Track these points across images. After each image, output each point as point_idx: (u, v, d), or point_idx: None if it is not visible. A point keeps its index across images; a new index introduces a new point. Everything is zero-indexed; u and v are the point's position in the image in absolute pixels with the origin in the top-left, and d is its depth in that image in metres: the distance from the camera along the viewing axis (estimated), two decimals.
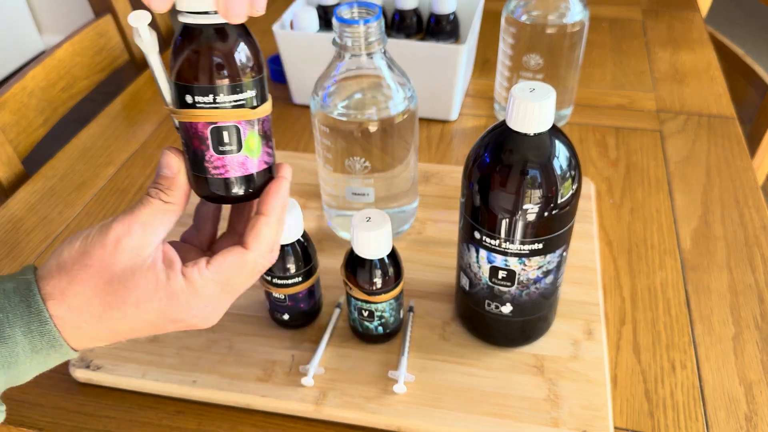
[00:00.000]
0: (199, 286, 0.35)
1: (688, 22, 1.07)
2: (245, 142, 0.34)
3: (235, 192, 0.35)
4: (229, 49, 0.32)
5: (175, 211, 0.35)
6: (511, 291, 0.48)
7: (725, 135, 0.80)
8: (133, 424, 0.50)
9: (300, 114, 0.86)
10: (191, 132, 0.33)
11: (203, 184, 0.35)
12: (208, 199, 0.36)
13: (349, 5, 0.52)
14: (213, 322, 0.37)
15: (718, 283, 0.60)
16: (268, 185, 0.36)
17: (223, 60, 0.32)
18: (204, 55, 0.32)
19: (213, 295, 0.35)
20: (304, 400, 0.49)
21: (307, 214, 0.67)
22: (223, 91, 0.32)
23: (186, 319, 0.36)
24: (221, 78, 0.32)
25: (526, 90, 0.42)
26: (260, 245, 0.36)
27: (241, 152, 0.34)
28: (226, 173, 0.34)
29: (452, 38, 0.88)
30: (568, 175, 0.43)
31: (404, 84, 0.55)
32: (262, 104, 0.34)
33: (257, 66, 0.33)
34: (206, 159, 0.34)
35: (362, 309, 0.50)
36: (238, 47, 0.32)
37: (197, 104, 0.32)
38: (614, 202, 0.70)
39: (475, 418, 0.48)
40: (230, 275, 0.36)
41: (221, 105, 0.32)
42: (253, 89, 0.33)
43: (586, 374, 0.50)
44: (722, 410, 0.50)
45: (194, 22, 0.31)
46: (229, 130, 0.33)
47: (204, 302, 0.35)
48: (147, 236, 0.34)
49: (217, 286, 0.35)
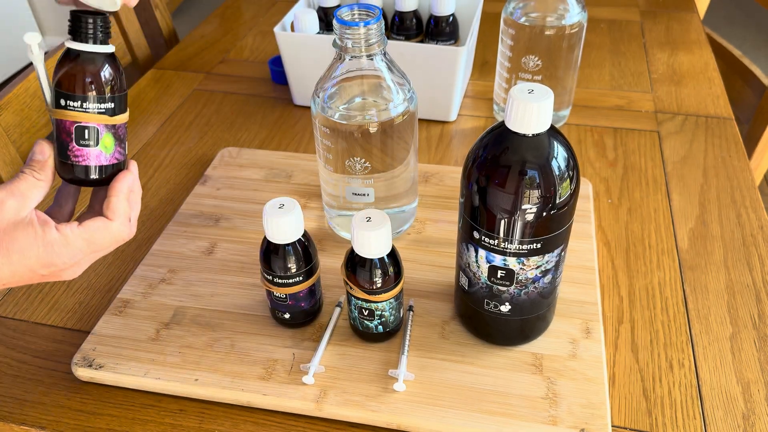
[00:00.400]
0: (71, 239, 0.43)
1: (685, 23, 1.08)
2: (101, 140, 0.44)
3: (90, 177, 0.45)
4: (97, 71, 0.43)
5: (44, 187, 0.44)
6: (510, 290, 0.48)
7: (723, 135, 0.80)
8: (134, 422, 0.50)
9: (301, 115, 0.87)
10: (61, 127, 0.43)
11: (66, 168, 0.45)
12: (69, 181, 0.46)
13: (349, 7, 0.53)
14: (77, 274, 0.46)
15: (716, 283, 0.61)
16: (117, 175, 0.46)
17: (92, 78, 0.43)
18: (80, 72, 0.42)
19: (81, 249, 0.44)
20: (304, 398, 0.50)
21: (308, 214, 0.67)
22: (89, 100, 0.43)
23: (57, 265, 0.43)
24: (89, 90, 0.43)
25: (524, 91, 0.42)
26: (119, 216, 0.45)
27: (97, 147, 0.44)
28: (84, 161, 0.44)
29: (451, 40, 0.88)
30: (567, 176, 0.44)
31: (404, 85, 0.56)
32: (120, 114, 0.45)
33: (119, 86, 0.44)
34: (69, 149, 0.44)
35: (362, 308, 0.51)
36: (105, 71, 0.43)
37: (68, 107, 0.43)
38: (612, 202, 0.70)
39: (474, 416, 0.48)
40: (96, 236, 0.45)
41: (86, 110, 0.43)
42: (112, 102, 0.44)
43: (584, 373, 0.51)
44: (720, 409, 0.50)
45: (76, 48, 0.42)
46: (89, 129, 0.43)
47: (72, 253, 0.44)
48: (24, 201, 0.43)
49: (84, 243, 0.44)
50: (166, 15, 1.17)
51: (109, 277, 0.63)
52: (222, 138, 0.83)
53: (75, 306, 0.60)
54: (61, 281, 0.62)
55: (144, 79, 0.96)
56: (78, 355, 0.53)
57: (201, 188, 0.71)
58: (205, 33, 1.09)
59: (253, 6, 1.19)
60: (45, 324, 0.58)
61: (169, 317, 0.56)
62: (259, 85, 0.94)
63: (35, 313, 0.59)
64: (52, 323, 0.59)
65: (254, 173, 0.73)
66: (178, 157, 0.79)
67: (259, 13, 1.16)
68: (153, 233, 0.67)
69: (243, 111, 0.88)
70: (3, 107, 0.80)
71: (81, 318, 0.59)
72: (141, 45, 1.09)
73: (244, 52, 1.03)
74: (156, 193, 0.74)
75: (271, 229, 0.49)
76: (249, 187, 0.71)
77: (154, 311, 0.57)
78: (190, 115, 0.88)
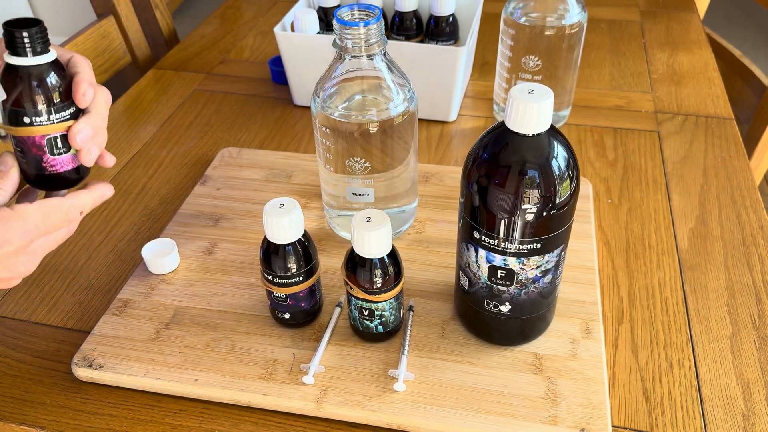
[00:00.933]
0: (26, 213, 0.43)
1: (685, 23, 1.08)
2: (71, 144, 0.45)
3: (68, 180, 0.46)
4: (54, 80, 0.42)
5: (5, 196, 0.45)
6: (510, 290, 0.48)
7: (723, 135, 0.80)
8: (134, 422, 0.50)
9: (301, 115, 0.87)
10: (30, 143, 0.44)
11: (44, 179, 0.45)
12: (48, 190, 0.46)
13: (349, 7, 0.53)
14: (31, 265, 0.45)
15: (716, 283, 0.61)
16: None
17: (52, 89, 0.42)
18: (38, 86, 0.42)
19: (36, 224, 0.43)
20: (304, 398, 0.50)
21: (308, 214, 0.67)
22: (54, 111, 0.43)
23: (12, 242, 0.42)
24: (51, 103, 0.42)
25: (524, 91, 0.42)
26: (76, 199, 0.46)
27: (69, 153, 0.45)
28: (62, 168, 0.45)
29: (451, 40, 0.88)
30: (567, 176, 0.44)
31: (404, 85, 0.56)
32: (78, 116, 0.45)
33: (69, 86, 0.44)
34: (44, 161, 0.44)
35: (362, 308, 0.51)
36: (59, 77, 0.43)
37: (34, 123, 0.43)
38: (612, 202, 0.70)
39: (474, 416, 0.48)
40: (50, 211, 0.44)
41: (53, 121, 0.43)
42: (72, 107, 0.44)
43: (584, 373, 0.51)
44: (720, 409, 0.50)
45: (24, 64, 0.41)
46: (60, 137, 0.44)
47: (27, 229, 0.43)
48: None
49: (41, 217, 0.43)
50: (166, 15, 1.17)
51: (109, 277, 0.63)
52: (222, 138, 0.83)
53: (75, 306, 0.60)
54: (61, 281, 0.62)
55: (144, 79, 0.96)
56: (78, 355, 0.53)
57: (201, 188, 0.71)
58: (205, 33, 1.09)
59: (253, 6, 1.19)
60: (45, 324, 0.58)
61: (169, 317, 0.56)
62: (259, 85, 0.94)
63: (35, 313, 0.59)
64: (52, 323, 0.59)
65: (254, 173, 0.73)
66: (178, 157, 0.79)
67: (259, 13, 1.16)
68: (153, 233, 0.67)
69: (243, 111, 0.88)
70: None
71: (81, 318, 0.59)
72: (141, 45, 1.09)
73: (244, 53, 1.03)
74: (156, 193, 0.74)
75: (271, 229, 0.49)
76: (249, 187, 0.71)
77: (154, 311, 0.57)
78: (190, 116, 0.88)
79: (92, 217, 0.71)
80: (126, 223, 0.69)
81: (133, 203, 0.72)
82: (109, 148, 0.81)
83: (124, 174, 0.77)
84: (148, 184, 0.75)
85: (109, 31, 1.01)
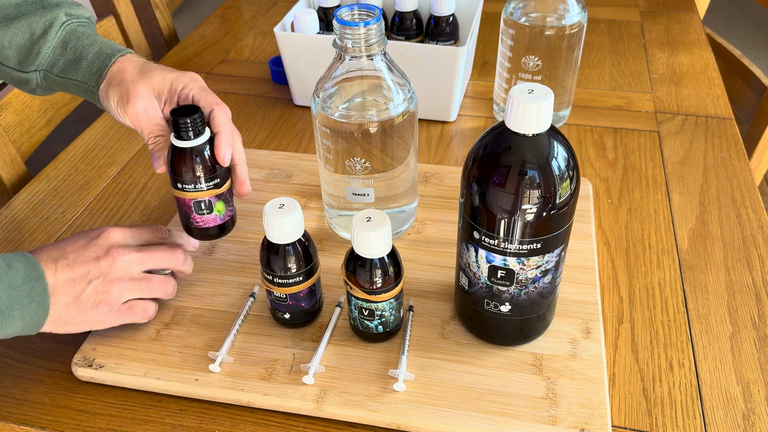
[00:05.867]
0: None
1: (685, 23, 1.08)
2: (215, 207, 0.54)
3: (212, 235, 0.56)
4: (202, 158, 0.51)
5: None
6: (510, 290, 0.48)
7: (723, 135, 0.80)
8: (135, 422, 0.50)
9: (301, 115, 0.87)
10: (182, 202, 0.53)
11: (192, 231, 0.56)
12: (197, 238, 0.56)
13: (349, 7, 0.53)
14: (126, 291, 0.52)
15: (716, 283, 0.61)
16: None
17: (199, 165, 0.51)
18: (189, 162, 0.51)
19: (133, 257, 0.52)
20: (304, 398, 0.50)
21: (308, 214, 0.67)
22: (199, 182, 0.52)
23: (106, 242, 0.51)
24: (198, 174, 0.51)
25: (524, 91, 0.42)
26: None
27: (212, 213, 0.54)
28: (205, 225, 0.55)
29: (451, 40, 0.88)
30: (567, 176, 0.44)
31: (404, 85, 0.56)
32: (224, 184, 0.53)
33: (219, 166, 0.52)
34: (191, 218, 0.54)
35: (362, 308, 0.51)
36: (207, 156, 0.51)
37: (185, 189, 0.52)
38: (612, 202, 0.70)
39: (474, 416, 0.48)
40: None
41: (198, 189, 0.52)
42: (217, 178, 0.52)
43: (584, 373, 0.51)
44: (720, 409, 0.50)
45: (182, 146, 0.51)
46: (204, 201, 0.53)
47: None
48: None
49: None
50: (166, 15, 1.17)
51: None
52: None
53: None
54: None
55: None
56: (78, 355, 0.53)
57: None
58: (205, 33, 1.09)
59: (253, 6, 1.19)
60: None
61: (170, 317, 0.56)
62: (260, 85, 0.94)
63: None
64: None
65: (254, 173, 0.73)
66: None
67: (260, 13, 1.16)
68: None
69: (243, 111, 0.88)
70: (3, 107, 0.80)
71: None
72: (141, 45, 1.09)
73: (244, 53, 1.03)
74: (156, 192, 0.74)
75: (271, 229, 0.49)
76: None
77: None
78: None
79: (93, 217, 0.71)
80: (126, 223, 0.69)
81: (133, 203, 0.72)
82: (110, 148, 0.81)
83: (124, 174, 0.77)
84: (149, 184, 0.75)
85: (109, 31, 1.01)
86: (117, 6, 1.03)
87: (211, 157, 0.52)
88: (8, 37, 0.54)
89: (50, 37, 0.54)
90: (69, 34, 0.55)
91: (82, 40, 0.55)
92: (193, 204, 0.52)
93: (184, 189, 0.52)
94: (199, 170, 0.51)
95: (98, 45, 0.55)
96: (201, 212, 0.53)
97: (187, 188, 0.52)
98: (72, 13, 0.56)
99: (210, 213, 0.53)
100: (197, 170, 0.51)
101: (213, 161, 0.52)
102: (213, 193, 0.52)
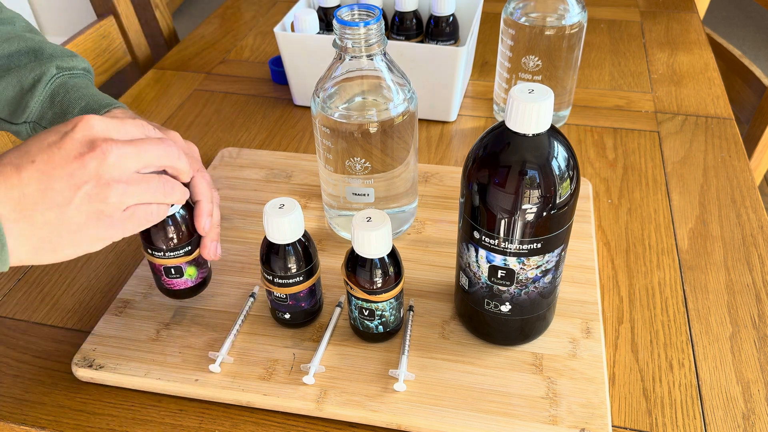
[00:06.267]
0: None
1: (685, 23, 1.08)
2: (186, 272, 0.53)
3: (182, 295, 0.55)
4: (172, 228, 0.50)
5: None
6: (510, 290, 0.48)
7: (723, 135, 0.80)
8: (135, 422, 0.50)
9: (301, 115, 0.87)
10: (153, 265, 0.53)
11: (164, 290, 0.55)
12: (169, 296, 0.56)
13: (349, 7, 0.53)
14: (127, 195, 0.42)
15: (716, 283, 0.61)
16: None
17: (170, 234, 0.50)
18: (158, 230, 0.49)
19: None
20: (305, 398, 0.50)
21: (308, 214, 0.67)
22: (170, 250, 0.51)
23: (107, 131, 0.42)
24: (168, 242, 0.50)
25: (524, 91, 0.42)
26: None
27: (183, 277, 0.53)
28: (176, 287, 0.54)
29: (451, 40, 0.88)
30: (567, 176, 0.44)
31: (404, 85, 0.56)
32: (194, 251, 0.52)
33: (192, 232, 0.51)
34: (162, 280, 0.54)
35: (363, 308, 0.51)
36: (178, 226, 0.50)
37: (155, 255, 0.51)
38: (612, 202, 0.70)
39: (474, 415, 0.48)
40: None
41: (169, 257, 0.51)
42: (187, 246, 0.51)
43: (584, 372, 0.51)
44: (720, 409, 0.50)
45: None
46: (174, 267, 0.52)
47: None
48: None
49: None
50: (166, 15, 1.17)
51: (109, 277, 0.63)
52: (222, 138, 0.83)
53: (75, 306, 0.60)
54: (62, 281, 0.62)
55: (144, 80, 0.96)
56: (78, 356, 0.53)
57: None
58: (205, 33, 1.09)
59: (253, 6, 1.19)
60: (45, 324, 0.58)
61: (170, 317, 0.56)
62: (260, 85, 0.94)
63: (35, 313, 0.59)
64: (52, 323, 0.59)
65: (254, 173, 0.73)
66: None
67: (259, 13, 1.16)
68: None
69: (243, 111, 0.88)
70: None
71: (81, 318, 0.59)
72: (141, 45, 1.09)
73: (244, 53, 1.03)
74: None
75: (271, 230, 0.49)
76: (249, 188, 0.71)
77: (154, 311, 0.57)
78: (191, 116, 0.88)
79: None
80: None
81: None
82: None
83: None
84: None
85: (109, 31, 1.01)
86: (117, 6, 1.03)
87: (184, 225, 0.50)
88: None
89: (38, 91, 0.53)
90: (58, 87, 0.54)
91: (70, 94, 0.54)
92: (163, 269, 0.52)
93: (153, 255, 0.51)
94: (170, 239, 0.50)
95: (86, 99, 0.54)
96: (171, 276, 0.52)
97: (156, 255, 0.51)
98: (64, 65, 0.56)
99: (180, 277, 0.53)
100: (168, 238, 0.50)
101: (186, 228, 0.50)
102: (184, 259, 0.52)
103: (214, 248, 0.52)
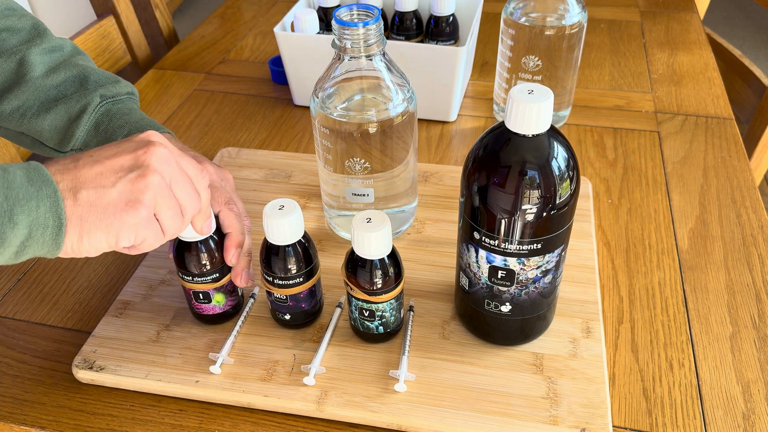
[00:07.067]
0: None
1: (685, 23, 1.08)
2: (214, 298, 0.54)
3: (211, 321, 0.56)
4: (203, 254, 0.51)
5: None
6: (510, 290, 0.48)
7: (723, 135, 0.80)
8: (135, 423, 0.50)
9: (301, 115, 0.87)
10: (185, 289, 0.54)
11: (194, 314, 0.56)
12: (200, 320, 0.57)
13: (348, 8, 0.53)
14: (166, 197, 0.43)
15: (716, 283, 0.61)
16: None
17: (200, 259, 0.51)
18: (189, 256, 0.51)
19: None
20: (305, 399, 0.50)
21: (308, 214, 0.67)
22: (197, 275, 0.52)
23: None
24: (197, 268, 0.52)
25: (524, 91, 0.42)
26: None
27: (211, 303, 0.54)
28: (205, 312, 0.55)
29: (451, 40, 0.88)
30: (567, 176, 0.44)
31: (403, 85, 0.56)
32: (223, 278, 0.53)
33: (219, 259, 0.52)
34: (192, 303, 0.55)
35: (363, 309, 0.51)
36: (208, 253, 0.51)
37: (185, 279, 0.53)
38: (612, 202, 0.70)
39: (475, 416, 0.48)
40: None
41: (196, 281, 0.52)
42: (216, 273, 0.52)
43: (584, 372, 0.51)
44: (720, 409, 0.50)
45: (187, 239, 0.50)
46: (203, 293, 0.53)
47: None
48: None
49: None
50: (166, 15, 1.17)
51: (109, 278, 0.63)
52: (222, 138, 0.83)
53: (75, 306, 0.60)
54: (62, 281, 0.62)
55: (144, 79, 0.96)
56: (78, 357, 0.53)
57: None
58: (205, 33, 1.09)
59: (253, 6, 1.19)
60: (45, 324, 0.58)
61: (170, 319, 0.56)
62: (259, 85, 0.94)
63: (35, 313, 0.59)
64: (52, 323, 0.59)
65: (254, 173, 0.73)
66: None
67: (259, 13, 1.16)
68: None
69: (243, 111, 0.88)
70: None
71: (81, 318, 0.59)
72: (141, 45, 1.09)
73: (244, 53, 1.03)
74: None
75: (271, 231, 0.49)
76: (249, 188, 0.71)
77: (154, 313, 0.57)
78: (191, 116, 0.88)
79: None
80: None
81: None
82: None
83: None
84: None
85: (109, 31, 1.01)
86: (117, 6, 1.03)
87: (212, 253, 0.51)
88: (48, 121, 0.56)
89: (83, 121, 0.56)
90: (102, 116, 0.57)
91: (114, 122, 0.56)
92: (192, 293, 0.53)
93: (183, 278, 0.53)
94: (197, 264, 0.51)
95: (128, 127, 0.56)
96: (200, 301, 0.54)
97: (186, 278, 0.52)
98: (108, 93, 0.58)
99: (209, 303, 0.54)
100: (196, 264, 0.51)
101: (215, 256, 0.52)
102: (211, 286, 0.53)
103: (246, 276, 0.53)
